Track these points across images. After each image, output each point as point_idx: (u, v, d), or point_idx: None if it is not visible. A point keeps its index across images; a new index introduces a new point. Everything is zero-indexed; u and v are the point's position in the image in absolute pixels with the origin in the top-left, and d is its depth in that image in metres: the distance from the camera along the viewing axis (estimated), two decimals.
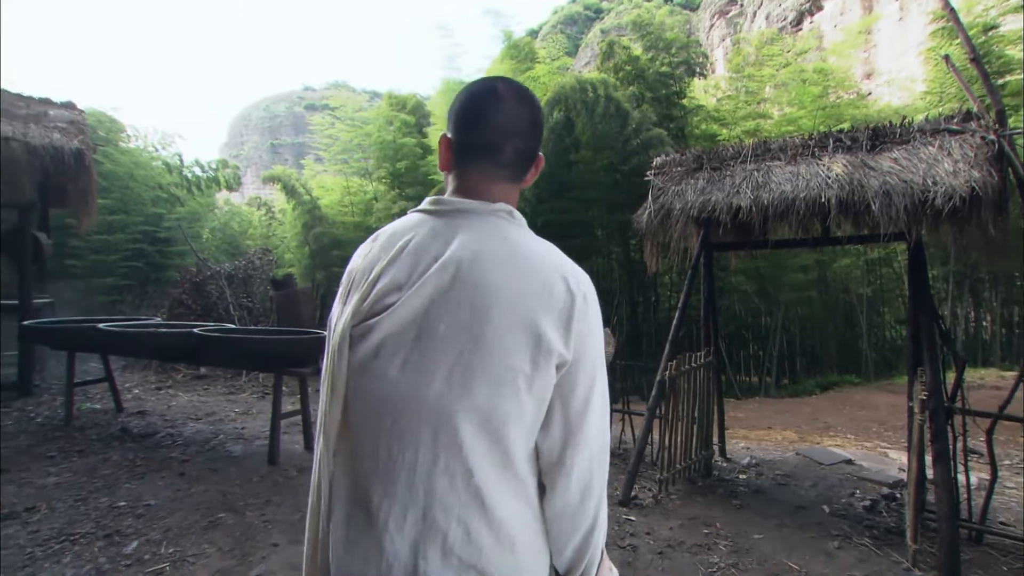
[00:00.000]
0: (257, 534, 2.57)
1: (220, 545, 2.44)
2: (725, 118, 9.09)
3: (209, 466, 3.46)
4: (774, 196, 3.15)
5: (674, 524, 2.90)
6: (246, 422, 4.64)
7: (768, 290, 8.49)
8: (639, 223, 3.57)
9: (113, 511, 2.75)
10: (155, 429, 4.30)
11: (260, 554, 2.38)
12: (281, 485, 3.18)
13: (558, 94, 7.81)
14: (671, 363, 3.26)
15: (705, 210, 3.32)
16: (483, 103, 0.77)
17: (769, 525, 2.95)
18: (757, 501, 3.29)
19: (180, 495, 2.99)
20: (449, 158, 0.79)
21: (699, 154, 3.67)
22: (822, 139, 3.41)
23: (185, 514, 2.75)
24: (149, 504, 2.85)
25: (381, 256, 0.73)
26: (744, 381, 8.56)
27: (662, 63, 8.91)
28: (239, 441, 4.04)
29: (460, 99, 0.80)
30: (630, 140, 7.77)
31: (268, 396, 5.78)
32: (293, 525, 2.67)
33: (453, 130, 0.79)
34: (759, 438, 5.09)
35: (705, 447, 3.62)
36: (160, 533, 2.54)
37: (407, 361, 0.67)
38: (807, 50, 11.51)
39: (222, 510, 2.81)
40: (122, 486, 3.08)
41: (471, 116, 0.77)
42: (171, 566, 2.25)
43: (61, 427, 4.28)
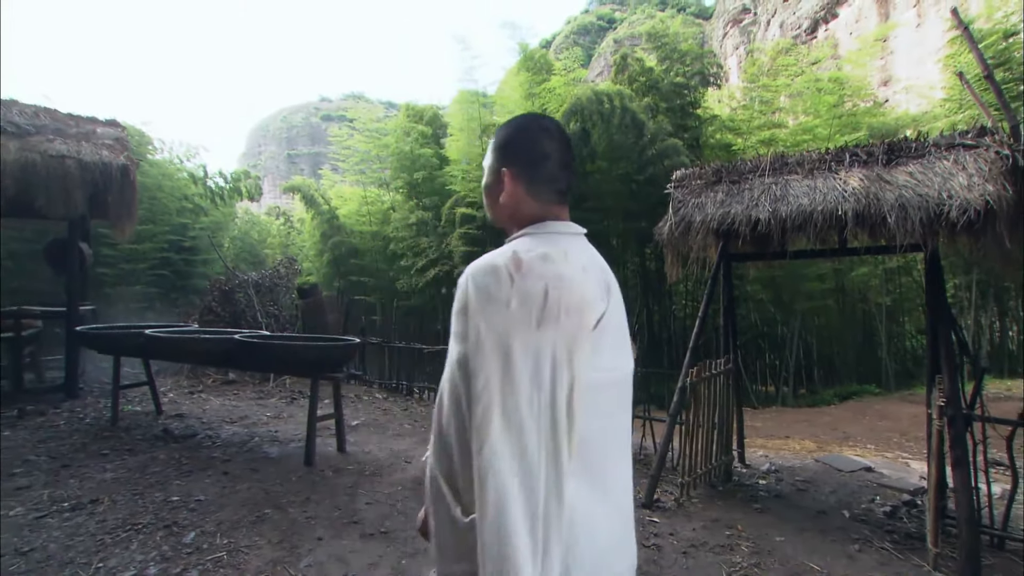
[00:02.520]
0: (302, 529, 2.73)
1: (269, 538, 2.61)
2: (740, 128, 9.18)
3: (249, 466, 3.65)
4: (792, 209, 3.26)
5: (696, 526, 3.01)
6: (278, 425, 4.84)
7: (784, 299, 8.51)
8: (660, 234, 3.70)
9: (168, 504, 2.94)
10: (194, 431, 4.51)
11: (307, 547, 2.55)
12: (319, 484, 3.35)
13: (574, 105, 7.98)
14: (692, 370, 3.37)
15: (724, 222, 3.44)
16: (547, 143, 0.92)
17: (790, 528, 3.04)
18: (777, 505, 3.38)
19: (226, 492, 3.18)
20: (518, 190, 0.92)
21: (718, 168, 3.79)
22: (838, 153, 3.51)
23: (233, 509, 2.93)
24: (200, 499, 3.04)
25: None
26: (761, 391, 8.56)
27: (676, 74, 9.04)
28: (274, 443, 4.22)
29: (520, 137, 0.93)
30: (646, 150, 7.91)
31: (295, 401, 6.00)
32: (333, 522, 2.83)
33: (523, 166, 0.92)
34: (777, 447, 5.13)
35: (725, 452, 3.72)
36: (214, 525, 2.72)
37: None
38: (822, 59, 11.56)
39: (267, 506, 2.98)
40: (172, 482, 3.28)
41: (538, 155, 0.92)
42: (228, 555, 2.42)
43: (108, 427, 4.51)
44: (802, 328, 8.52)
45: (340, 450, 4.00)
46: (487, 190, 0.99)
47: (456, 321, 0.82)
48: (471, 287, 0.79)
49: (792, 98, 9.63)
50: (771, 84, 9.38)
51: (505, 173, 0.93)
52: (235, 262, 11.36)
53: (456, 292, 0.83)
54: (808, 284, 8.28)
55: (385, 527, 2.77)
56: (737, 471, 3.98)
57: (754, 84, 9.66)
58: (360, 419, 5.15)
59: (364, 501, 3.10)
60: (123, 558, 2.37)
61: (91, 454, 3.77)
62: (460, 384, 0.81)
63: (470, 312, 0.78)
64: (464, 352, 0.78)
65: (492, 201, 0.98)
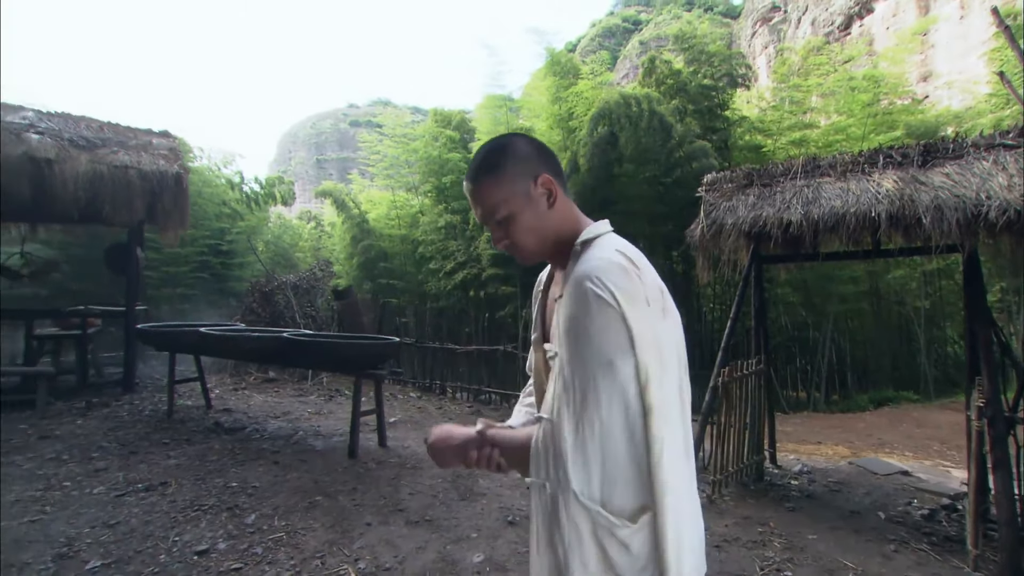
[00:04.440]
0: (351, 515, 2.92)
1: (322, 522, 2.80)
2: (770, 129, 9.09)
3: (297, 457, 3.87)
4: (824, 211, 3.30)
5: (729, 522, 3.07)
6: (320, 421, 5.07)
7: (815, 302, 8.38)
8: (691, 237, 3.78)
9: (228, 489, 3.17)
10: (243, 424, 4.78)
11: (358, 531, 2.72)
12: (363, 476, 3.53)
13: (602, 109, 8.06)
14: (723, 370, 3.44)
15: (756, 224, 3.50)
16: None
17: (823, 527, 3.07)
18: (810, 505, 3.40)
19: (278, 480, 3.39)
20: (561, 195, 0.94)
21: (749, 171, 3.85)
22: (872, 156, 3.53)
23: (287, 495, 3.14)
24: (255, 486, 3.26)
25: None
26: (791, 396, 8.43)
27: (704, 75, 9.02)
28: (318, 437, 4.45)
29: (545, 148, 0.96)
30: (673, 153, 7.93)
31: (333, 399, 6.25)
32: (379, 509, 3.01)
33: (554, 173, 0.94)
34: (809, 452, 5.09)
35: (756, 452, 3.75)
36: (271, 509, 2.92)
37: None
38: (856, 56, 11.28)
39: (317, 494, 3.18)
40: (229, 470, 3.52)
41: (557, 160, 0.98)
42: (286, 535, 2.62)
43: (165, 419, 4.82)
44: (834, 332, 8.37)
45: (381, 444, 4.19)
46: (518, 214, 0.90)
47: (588, 324, 0.80)
48: (612, 290, 0.79)
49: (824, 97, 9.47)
50: (802, 84, 9.25)
51: (548, 180, 0.92)
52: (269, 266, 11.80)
53: (581, 296, 0.81)
54: (840, 287, 8.14)
55: (429, 516, 2.93)
56: (768, 471, 4.00)
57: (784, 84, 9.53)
58: (397, 416, 5.35)
59: (407, 491, 3.27)
60: (195, 534, 2.59)
61: (154, 443, 4.06)
62: (616, 383, 0.80)
63: (626, 316, 0.79)
64: (614, 358, 0.80)
65: (535, 221, 0.91)
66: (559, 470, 0.82)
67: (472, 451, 0.91)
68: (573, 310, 0.81)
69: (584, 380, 0.80)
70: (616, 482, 0.82)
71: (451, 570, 2.39)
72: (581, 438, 0.81)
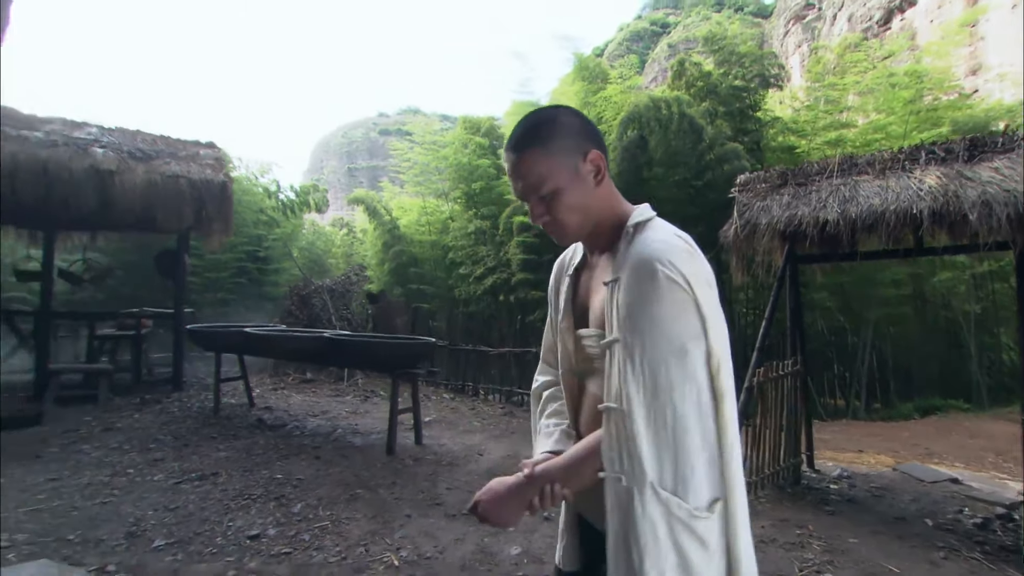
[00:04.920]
0: (391, 507, 3.02)
1: (364, 513, 2.92)
2: (804, 129, 8.89)
3: (338, 452, 4.02)
4: (862, 209, 3.25)
5: (765, 524, 3.04)
6: (357, 420, 5.24)
7: (854, 307, 8.12)
8: (725, 237, 3.77)
9: (274, 481, 3.33)
10: (284, 422, 4.98)
11: (398, 522, 2.83)
12: (401, 471, 3.65)
13: (632, 113, 8.07)
14: (759, 370, 3.41)
15: (791, 224, 3.47)
16: None
17: (865, 531, 3.00)
18: (850, 509, 3.33)
19: (321, 473, 3.54)
20: (605, 171, 0.89)
21: (783, 171, 3.82)
22: (913, 152, 3.46)
23: (330, 488, 3.27)
24: (299, 478, 3.41)
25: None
26: (829, 403, 8.17)
27: (735, 77, 8.92)
28: (356, 435, 4.60)
29: (593, 125, 0.91)
30: (704, 155, 7.86)
31: (369, 399, 6.43)
32: (418, 503, 3.11)
33: (603, 151, 0.87)
34: (849, 460, 4.93)
35: (793, 455, 3.70)
36: (315, 500, 3.06)
37: None
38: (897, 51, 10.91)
39: (358, 487, 3.30)
40: (274, 463, 3.69)
41: (602, 137, 0.90)
42: (331, 524, 2.75)
43: (212, 415, 5.07)
44: (875, 338, 8.08)
45: (417, 442, 4.31)
46: (565, 190, 0.85)
47: (660, 309, 0.77)
48: (685, 273, 0.78)
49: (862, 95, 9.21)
50: (838, 82, 9.01)
51: (598, 156, 0.87)
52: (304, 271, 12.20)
53: (650, 279, 0.77)
54: (881, 290, 7.86)
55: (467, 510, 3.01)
56: (806, 475, 3.92)
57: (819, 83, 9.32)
58: (431, 416, 5.47)
59: (444, 487, 3.37)
60: (246, 520, 2.74)
61: (204, 437, 4.29)
62: (688, 369, 0.78)
63: (699, 300, 0.78)
64: (687, 342, 0.78)
65: (581, 199, 0.86)
66: (633, 461, 0.78)
67: (533, 498, 0.85)
68: (641, 294, 0.77)
69: (655, 367, 0.77)
70: (690, 473, 0.78)
71: (490, 561, 2.46)
72: (654, 428, 0.77)
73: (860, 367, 7.96)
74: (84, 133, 5.80)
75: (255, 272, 11.51)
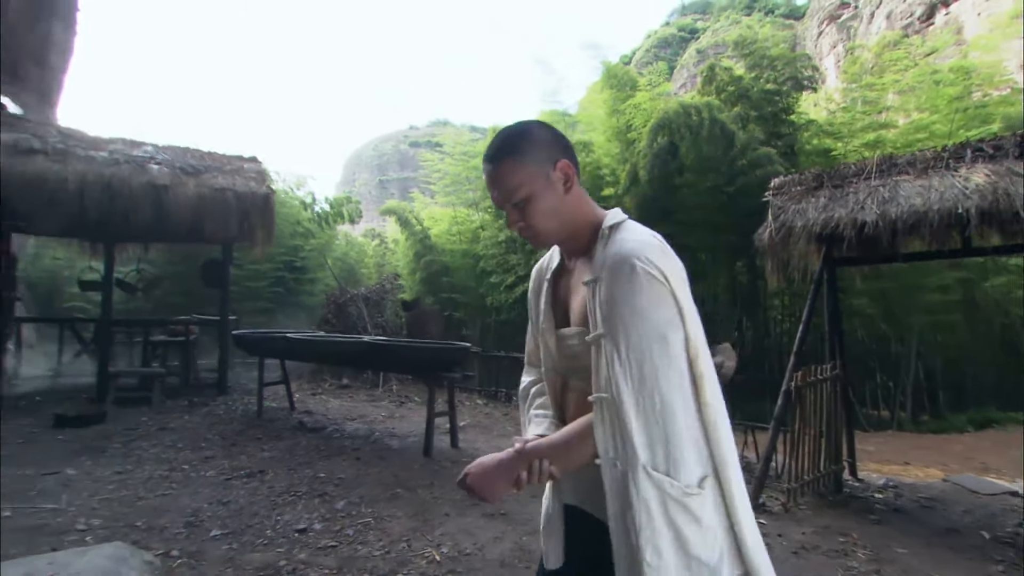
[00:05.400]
0: (430, 506, 3.11)
1: (405, 511, 3.01)
2: (840, 131, 8.67)
3: (376, 454, 4.14)
4: (903, 210, 3.18)
5: (807, 530, 2.98)
6: (393, 424, 5.37)
7: (897, 313, 7.81)
8: (760, 241, 3.74)
9: (318, 479, 3.47)
10: (323, 424, 5.15)
11: (437, 520, 2.91)
12: (439, 472, 3.74)
13: (662, 120, 8.06)
14: (796, 374, 3.36)
15: (828, 227, 3.42)
16: None
17: (914, 542, 2.91)
18: (898, 519, 3.23)
19: (361, 474, 3.66)
20: (575, 179, 0.95)
21: (819, 173, 3.77)
22: (958, 150, 3.37)
23: (370, 487, 3.38)
24: (341, 477, 3.54)
25: None
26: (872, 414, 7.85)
27: (767, 81, 8.80)
28: (393, 438, 4.73)
29: (562, 136, 0.97)
30: (736, 161, 7.77)
31: (404, 404, 6.57)
32: (456, 503, 3.18)
33: (571, 160, 0.94)
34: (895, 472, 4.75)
35: (834, 462, 3.61)
36: (357, 498, 3.18)
37: None
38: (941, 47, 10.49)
39: (397, 487, 3.40)
40: (317, 463, 3.83)
41: (574, 153, 0.97)
42: (374, 520, 2.85)
43: (255, 418, 5.29)
44: (921, 346, 7.74)
45: (453, 445, 4.40)
46: (537, 197, 0.91)
47: (640, 301, 0.82)
48: (660, 267, 0.83)
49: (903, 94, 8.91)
50: (876, 82, 8.76)
51: (567, 165, 0.93)
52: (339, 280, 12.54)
53: (629, 274, 0.82)
54: (927, 296, 7.54)
55: (504, 510, 3.07)
56: (848, 484, 3.82)
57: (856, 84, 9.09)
58: (466, 420, 5.56)
59: None
60: (293, 515, 2.88)
61: (249, 437, 4.49)
62: (671, 356, 0.83)
63: (675, 292, 0.84)
64: (667, 331, 0.83)
65: (553, 205, 0.92)
66: (626, 446, 0.82)
67: (521, 472, 0.88)
68: (622, 288, 0.82)
69: (640, 355, 0.81)
70: (680, 454, 0.82)
71: (527, 558, 2.51)
72: (643, 413, 0.82)
73: (905, 377, 7.63)
74: (141, 151, 6.21)
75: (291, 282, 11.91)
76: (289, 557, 2.41)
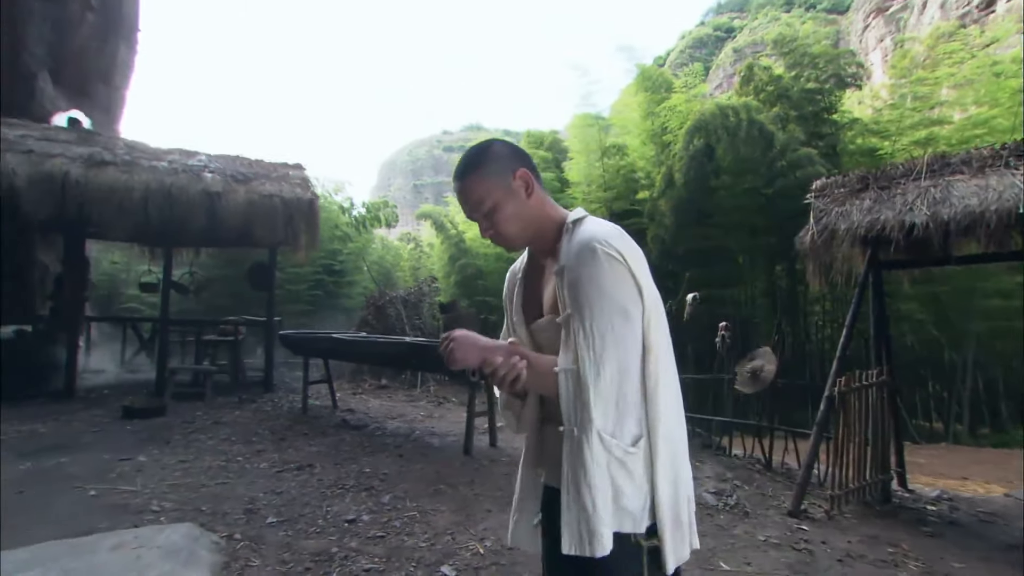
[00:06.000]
0: (472, 502, 3.20)
1: (448, 506, 3.11)
2: (887, 130, 8.34)
3: (418, 451, 4.27)
4: (956, 211, 3.07)
5: (852, 539, 2.92)
6: (433, 423, 5.51)
7: (952, 320, 7.43)
8: (801, 244, 3.69)
9: (363, 474, 3.61)
10: (365, 423, 5.33)
11: (480, 515, 2.99)
12: (479, 471, 3.83)
13: (698, 122, 7.97)
14: (840, 379, 3.29)
15: (873, 229, 3.34)
16: None
17: (972, 556, 2.80)
18: (953, 533, 3.11)
19: (404, 470, 3.79)
20: (534, 185, 1.04)
21: (864, 174, 3.69)
22: (1019, 146, 3.23)
23: (413, 482, 3.50)
24: (385, 472, 3.68)
25: None
26: (923, 426, 7.48)
27: (808, 79, 8.57)
28: (434, 436, 4.86)
29: (520, 149, 1.08)
30: (775, 162, 7.61)
31: (442, 404, 6.72)
32: (497, 499, 3.26)
33: (530, 169, 1.04)
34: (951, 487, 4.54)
35: (882, 471, 3.51)
36: (402, 492, 3.30)
37: None
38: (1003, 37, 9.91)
39: (439, 483, 3.51)
40: (361, 459, 3.99)
41: (530, 157, 1.09)
42: (419, 514, 2.96)
43: (301, 415, 5.53)
44: (978, 355, 7.33)
45: (492, 444, 4.50)
46: (501, 205, 1.00)
47: (603, 278, 0.90)
48: (620, 249, 0.92)
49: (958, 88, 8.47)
50: (928, 76, 8.34)
51: (525, 173, 1.03)
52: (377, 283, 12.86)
53: (591, 256, 0.90)
54: (985, 301, 7.16)
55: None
56: (897, 494, 3.70)
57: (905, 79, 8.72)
58: (502, 422, 5.65)
59: None
60: (342, 507, 3.02)
61: (296, 433, 4.71)
62: (631, 326, 0.92)
63: (633, 271, 0.92)
64: (628, 306, 0.91)
65: (516, 210, 1.01)
66: (584, 413, 0.89)
67: (498, 355, 0.93)
68: (586, 270, 0.90)
69: (603, 327, 0.89)
70: (626, 416, 0.92)
71: None
72: (603, 380, 0.89)
73: (961, 387, 7.26)
74: (196, 160, 6.60)
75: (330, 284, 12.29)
76: (341, 545, 2.55)
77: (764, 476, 4.00)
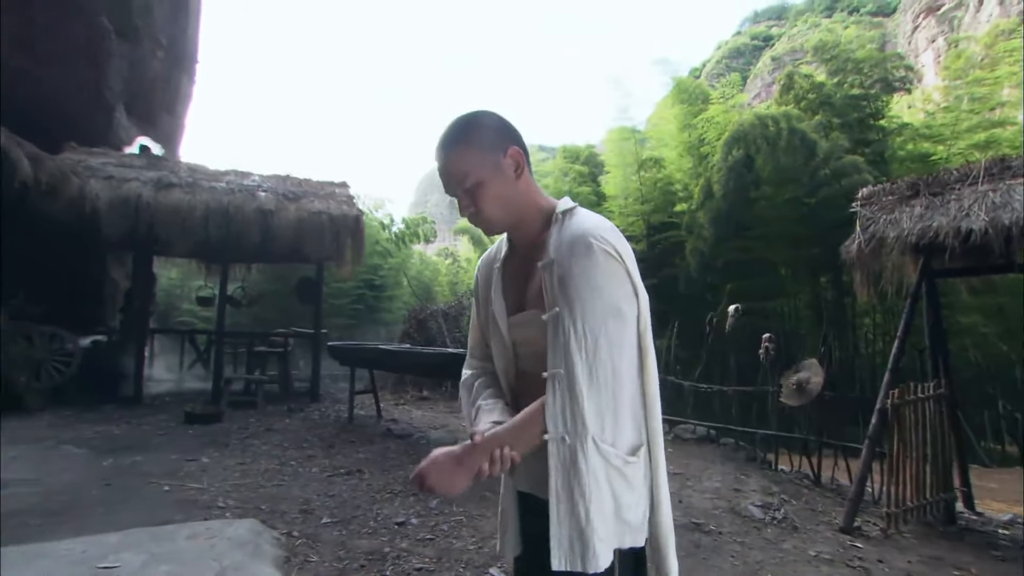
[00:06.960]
0: None
1: (493, 512, 3.17)
2: (940, 134, 8.00)
3: None
4: (1019, 215, 2.96)
5: (912, 559, 2.80)
6: None
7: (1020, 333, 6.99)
8: (848, 253, 3.61)
9: None
10: (409, 432, 5.48)
11: None
12: None
13: (736, 132, 7.90)
14: (893, 391, 3.19)
15: (926, 236, 3.25)
16: None
17: None
18: None
19: None
20: (525, 166, 0.96)
21: (914, 181, 3.59)
22: None
23: None
24: None
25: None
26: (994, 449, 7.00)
27: (852, 85, 8.36)
28: None
29: (512, 125, 0.96)
30: (818, 171, 7.43)
31: None
32: None
33: (521, 145, 0.95)
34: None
35: (945, 489, 3.34)
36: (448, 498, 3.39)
37: None
38: None
39: (483, 490, 3.57)
40: (407, 466, 4.11)
41: (524, 142, 0.98)
42: (465, 519, 3.04)
43: (347, 424, 5.72)
44: None
45: None
46: (487, 182, 0.91)
47: (598, 276, 0.85)
48: (616, 245, 0.87)
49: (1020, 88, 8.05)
50: (987, 76, 7.94)
51: (518, 152, 0.94)
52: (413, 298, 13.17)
53: (586, 252, 0.85)
54: None
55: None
56: (963, 516, 3.51)
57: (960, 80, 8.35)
58: None
59: None
60: (391, 510, 3.14)
61: (344, 440, 4.89)
62: (626, 328, 0.87)
63: (629, 269, 0.88)
64: (622, 305, 0.87)
65: (502, 190, 0.92)
66: (577, 419, 0.83)
67: (483, 463, 0.84)
68: (579, 265, 0.84)
69: (596, 328, 0.83)
70: (624, 422, 0.87)
71: None
72: (596, 384, 0.83)
73: None
74: (250, 180, 7.04)
75: (371, 299, 12.67)
76: (392, 545, 2.65)
77: (813, 491, 3.88)
